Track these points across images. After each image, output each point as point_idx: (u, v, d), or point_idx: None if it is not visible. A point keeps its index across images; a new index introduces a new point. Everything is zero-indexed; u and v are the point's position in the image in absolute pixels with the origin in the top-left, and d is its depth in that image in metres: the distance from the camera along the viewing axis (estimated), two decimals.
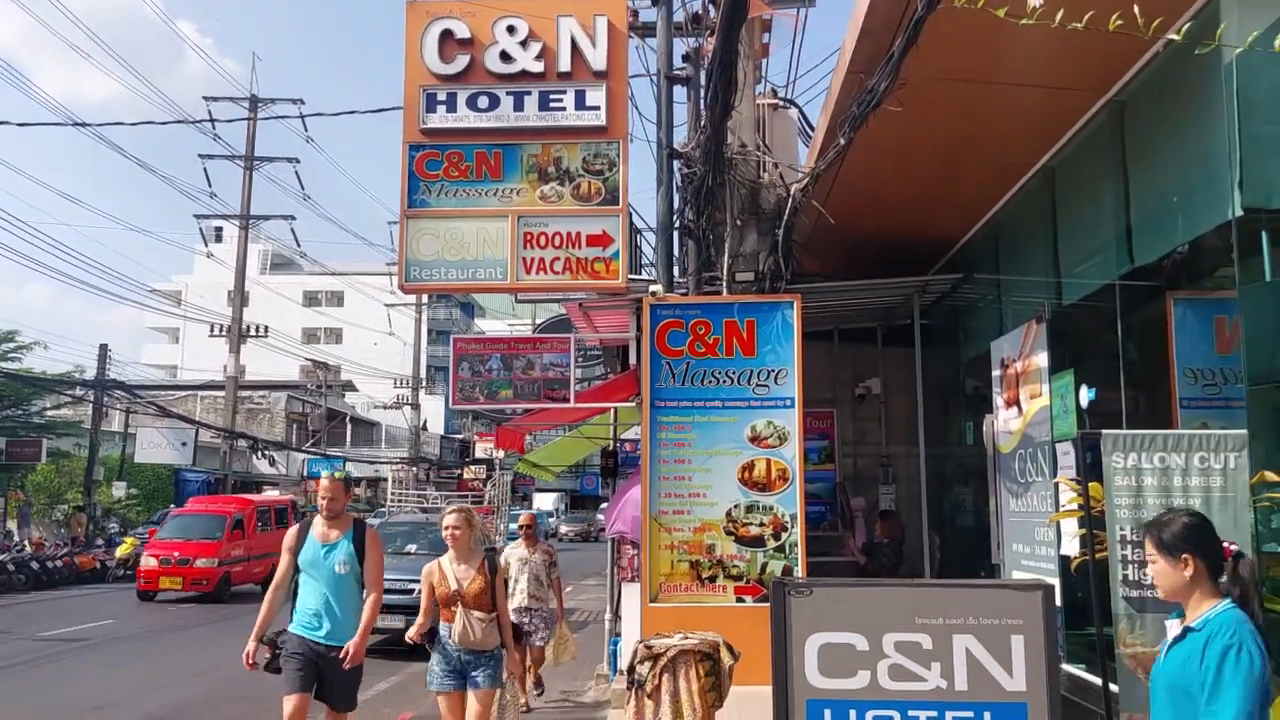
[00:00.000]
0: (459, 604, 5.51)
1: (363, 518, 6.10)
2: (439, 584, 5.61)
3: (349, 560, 5.53)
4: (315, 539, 5.60)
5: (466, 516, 5.73)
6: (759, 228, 7.21)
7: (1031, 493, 5.81)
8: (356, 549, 5.56)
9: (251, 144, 31.68)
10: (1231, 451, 4.18)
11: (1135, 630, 4.14)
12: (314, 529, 5.64)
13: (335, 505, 5.61)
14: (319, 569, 5.52)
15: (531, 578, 8.87)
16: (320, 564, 5.53)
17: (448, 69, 6.88)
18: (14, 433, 29.65)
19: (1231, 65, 4.21)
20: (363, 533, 5.65)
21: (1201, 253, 5.30)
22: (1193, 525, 2.80)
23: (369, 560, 5.60)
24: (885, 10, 4.82)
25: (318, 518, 5.66)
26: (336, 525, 5.62)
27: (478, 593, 5.53)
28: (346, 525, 5.63)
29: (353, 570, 5.55)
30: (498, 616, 5.63)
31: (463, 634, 5.53)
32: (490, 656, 5.61)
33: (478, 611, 5.51)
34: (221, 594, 18.79)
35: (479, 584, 5.56)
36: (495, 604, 5.61)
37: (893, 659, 3.61)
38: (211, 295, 46.03)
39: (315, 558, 5.55)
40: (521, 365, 7.57)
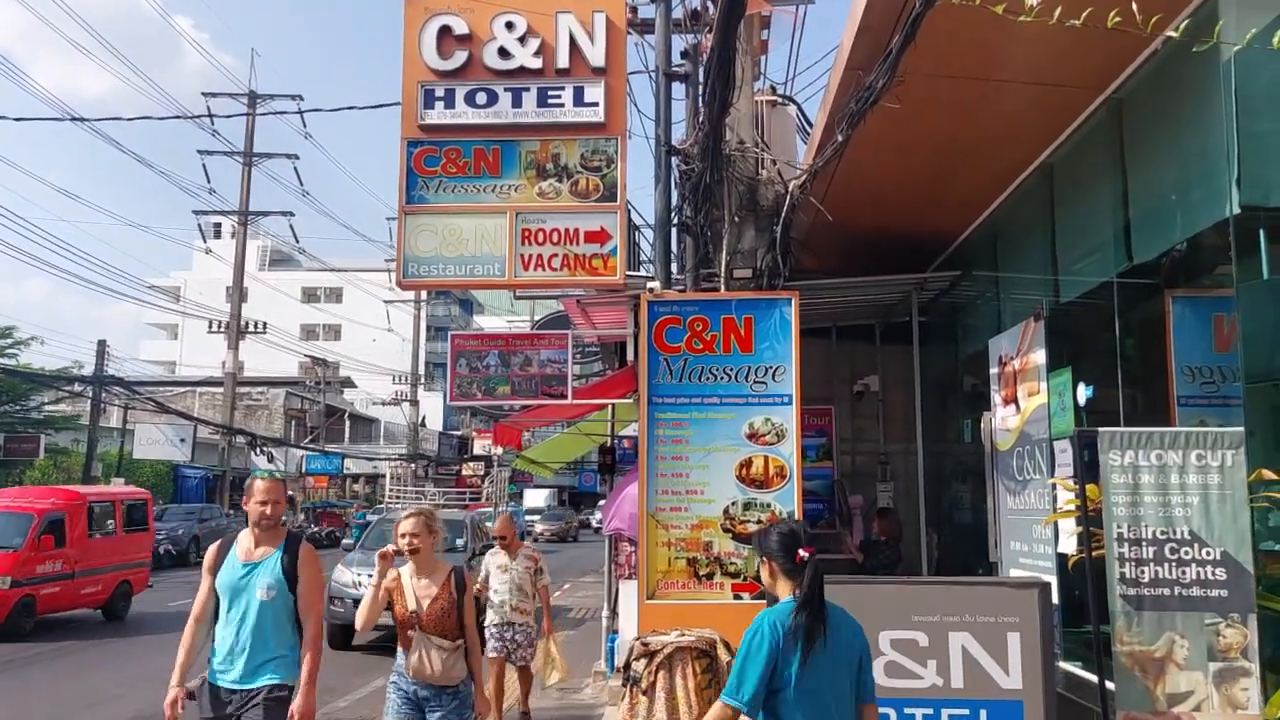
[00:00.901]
0: (417, 628, 4.62)
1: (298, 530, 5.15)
2: (395, 600, 4.72)
3: (276, 584, 4.39)
4: (237, 557, 4.49)
5: (426, 521, 4.74)
6: (757, 224, 7.20)
7: (1029, 491, 5.81)
8: (286, 570, 4.42)
9: (250, 140, 31.68)
10: (1229, 449, 4.18)
11: (1132, 628, 4.14)
12: (238, 544, 4.54)
13: (275, 514, 4.52)
14: (238, 595, 4.40)
15: (514, 588, 7.84)
16: (239, 589, 4.41)
17: (446, 65, 6.87)
18: (12, 428, 29.65)
19: (1230, 63, 4.21)
20: (296, 549, 4.50)
21: (1200, 250, 5.30)
22: (770, 534, 3.37)
23: (304, 583, 4.45)
24: (883, 7, 4.81)
25: (244, 531, 4.57)
26: (265, 540, 4.51)
27: (440, 615, 4.61)
28: (276, 540, 4.51)
29: (281, 597, 4.40)
30: (465, 645, 4.69)
31: (419, 666, 4.60)
32: (453, 695, 4.65)
33: (439, 638, 4.60)
34: (19, 626, 13.13)
35: (442, 604, 4.64)
36: (462, 629, 4.68)
37: (889, 656, 3.61)
38: (210, 291, 46.03)
39: (234, 581, 4.42)
40: (519, 362, 7.57)
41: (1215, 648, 4.07)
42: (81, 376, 30.31)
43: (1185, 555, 4.16)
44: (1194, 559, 4.15)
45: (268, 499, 4.50)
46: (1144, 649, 4.10)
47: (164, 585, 18.67)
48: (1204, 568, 4.13)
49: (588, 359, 15.58)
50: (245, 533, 4.58)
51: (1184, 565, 4.15)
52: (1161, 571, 4.16)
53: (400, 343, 46.83)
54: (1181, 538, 4.16)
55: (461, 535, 14.10)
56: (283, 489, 4.61)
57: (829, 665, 3.13)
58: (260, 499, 4.50)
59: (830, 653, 3.12)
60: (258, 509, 4.48)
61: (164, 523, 26.17)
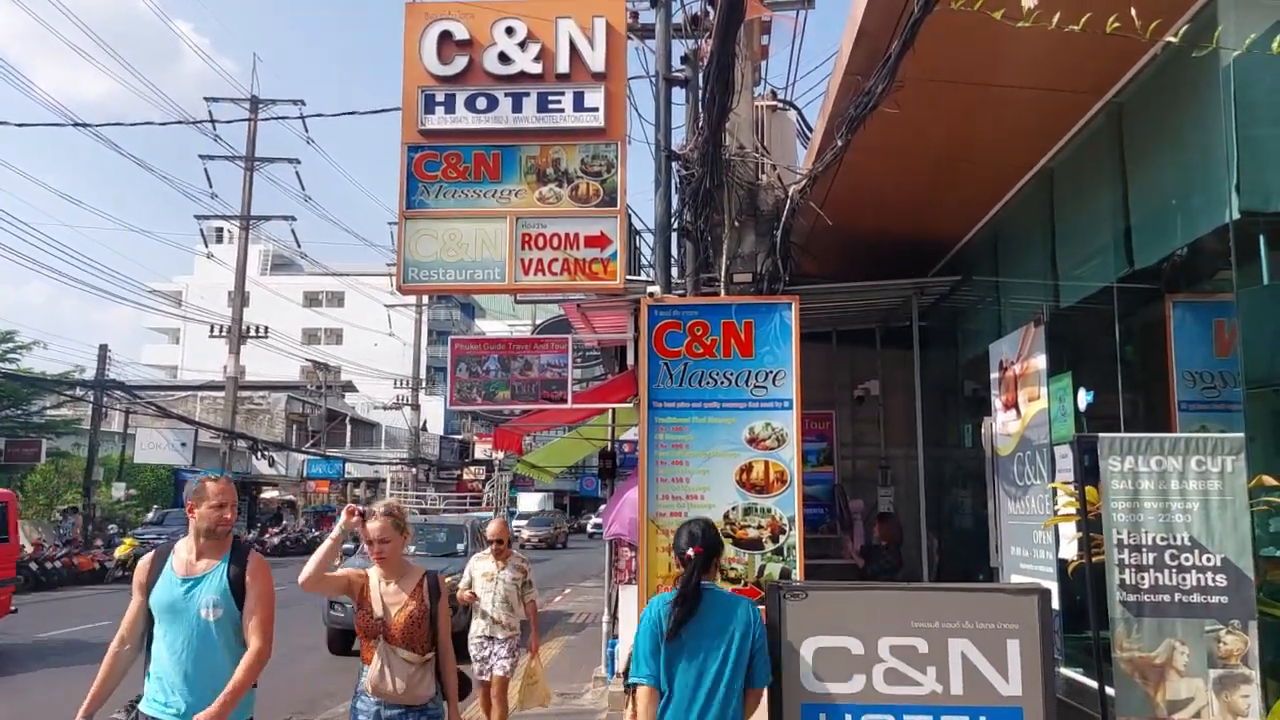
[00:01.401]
0: (382, 639, 4.09)
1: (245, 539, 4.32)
2: (360, 605, 4.19)
3: (223, 601, 3.83)
4: (174, 572, 3.88)
5: (396, 521, 4.22)
6: (757, 229, 7.20)
7: (1030, 496, 5.80)
8: (234, 584, 3.86)
9: (252, 145, 31.72)
10: (1229, 455, 4.16)
11: (1132, 634, 4.13)
12: (174, 556, 3.93)
13: (231, 520, 3.96)
14: (178, 616, 3.82)
15: (499, 599, 7.22)
16: (180, 608, 3.82)
17: (446, 70, 6.88)
18: (13, 433, 29.65)
19: (1229, 68, 4.20)
20: (244, 559, 3.95)
21: (1200, 255, 5.29)
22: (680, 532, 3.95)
23: (252, 597, 3.89)
24: (882, 12, 4.81)
25: (182, 541, 3.99)
26: (208, 551, 3.92)
27: (409, 624, 4.08)
28: (221, 551, 3.94)
29: (229, 615, 3.84)
30: (436, 659, 4.17)
31: (379, 681, 4.07)
32: (421, 713, 4.15)
33: (406, 650, 4.07)
34: None
35: (412, 612, 4.11)
36: (434, 641, 4.18)
37: (888, 663, 3.60)
38: (212, 296, 46.09)
39: (173, 599, 3.83)
40: (519, 366, 7.58)
41: (1216, 654, 4.05)
42: (83, 381, 30.33)
43: (1185, 561, 4.14)
44: (1194, 565, 4.13)
45: (224, 501, 3.93)
46: (1144, 655, 4.09)
47: None
48: (1204, 574, 4.12)
49: (588, 363, 15.59)
50: (183, 543, 3.98)
51: (1184, 571, 4.14)
52: (1162, 578, 4.15)
53: (401, 347, 46.85)
54: (1182, 544, 4.15)
55: (462, 540, 14.08)
56: (234, 490, 4.04)
57: (699, 650, 3.64)
58: (215, 502, 3.92)
59: (703, 638, 3.64)
60: (213, 514, 3.90)
61: (164, 527, 26.19)
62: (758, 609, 3.81)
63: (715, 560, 3.92)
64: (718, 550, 3.95)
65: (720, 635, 3.64)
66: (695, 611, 3.66)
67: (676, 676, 3.63)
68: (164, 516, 27.82)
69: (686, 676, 3.62)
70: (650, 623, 3.70)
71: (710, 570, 3.87)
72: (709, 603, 3.70)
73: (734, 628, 3.65)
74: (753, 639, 3.67)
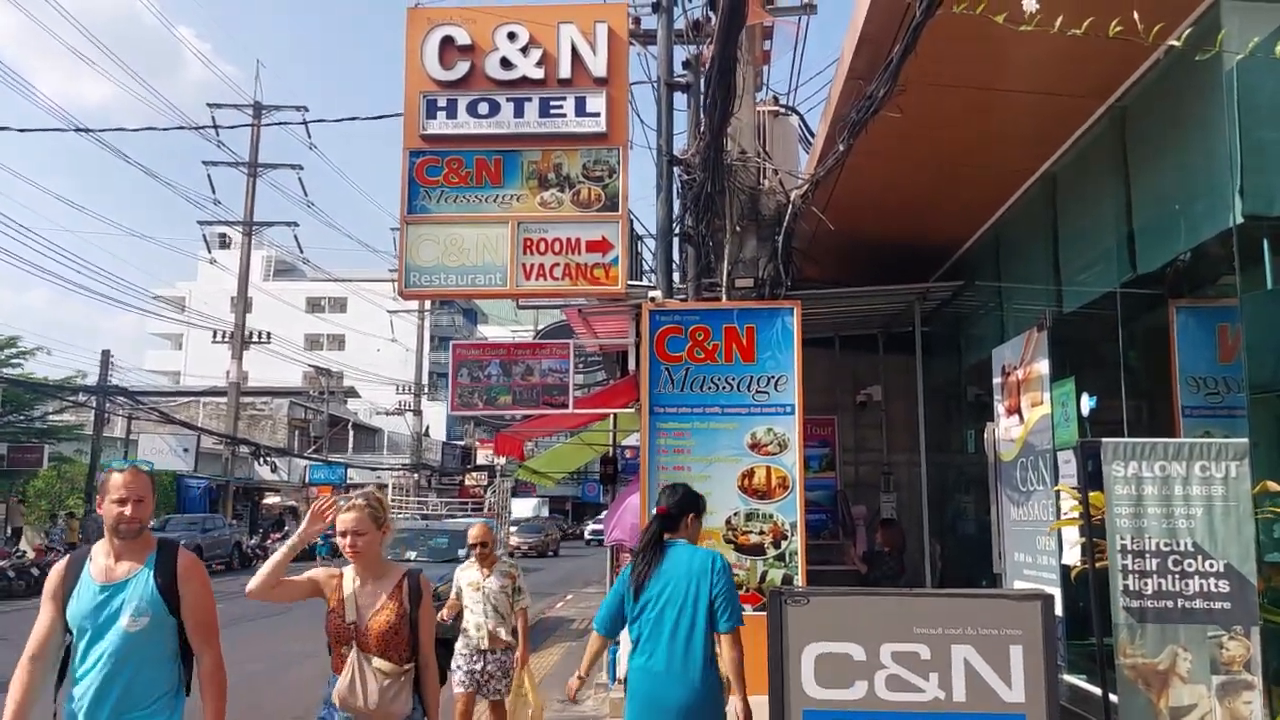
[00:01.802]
0: (353, 645, 3.56)
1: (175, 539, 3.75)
2: (330, 607, 3.66)
3: (150, 606, 3.34)
4: (92, 578, 3.37)
5: (373, 512, 3.68)
6: (759, 234, 7.20)
7: (1033, 501, 5.77)
8: (163, 589, 3.37)
9: (255, 151, 31.80)
10: (1232, 460, 4.14)
11: (1136, 641, 4.11)
12: (92, 562, 3.42)
13: (138, 516, 3.38)
14: (98, 628, 3.32)
15: (489, 609, 6.64)
16: (98, 619, 3.32)
17: (448, 75, 6.89)
18: (16, 438, 29.66)
19: (1233, 72, 4.19)
20: (173, 561, 3.45)
21: (1204, 260, 5.27)
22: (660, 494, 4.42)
23: (190, 605, 3.42)
24: (884, 16, 4.81)
25: (99, 544, 3.47)
26: (129, 553, 3.40)
27: (386, 631, 3.55)
28: (144, 552, 3.42)
29: (157, 625, 3.35)
30: (416, 671, 3.63)
31: (347, 694, 3.52)
32: None
33: (382, 660, 3.54)
34: None
35: (389, 616, 3.57)
36: (415, 650, 3.63)
37: (890, 669, 3.58)
38: (215, 301, 46.12)
39: (90, 608, 3.33)
40: (520, 371, 7.57)
41: (1218, 661, 4.03)
42: (86, 386, 30.35)
43: (1189, 567, 4.13)
44: (1197, 571, 4.12)
45: (127, 495, 3.36)
46: (1147, 662, 4.07)
47: None
48: (1207, 580, 4.10)
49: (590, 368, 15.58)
50: (101, 545, 3.46)
51: (1187, 577, 4.12)
52: (1165, 583, 4.13)
53: (404, 352, 46.87)
54: (1185, 549, 4.13)
55: (464, 545, 14.05)
56: (148, 483, 3.46)
57: (662, 598, 4.02)
58: (117, 495, 3.35)
59: (666, 587, 4.03)
60: (114, 510, 3.34)
61: (166, 533, 26.16)
62: (720, 558, 4.11)
63: (686, 520, 4.28)
64: (686, 511, 4.29)
65: (681, 584, 4.02)
66: (655, 565, 4.09)
67: (643, 624, 4.04)
68: (165, 523, 27.80)
69: (650, 623, 4.02)
70: (619, 581, 4.20)
71: (680, 529, 4.24)
72: (672, 557, 4.12)
73: (694, 576, 4.02)
74: (711, 584, 4.00)
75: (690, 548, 4.20)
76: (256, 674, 9.99)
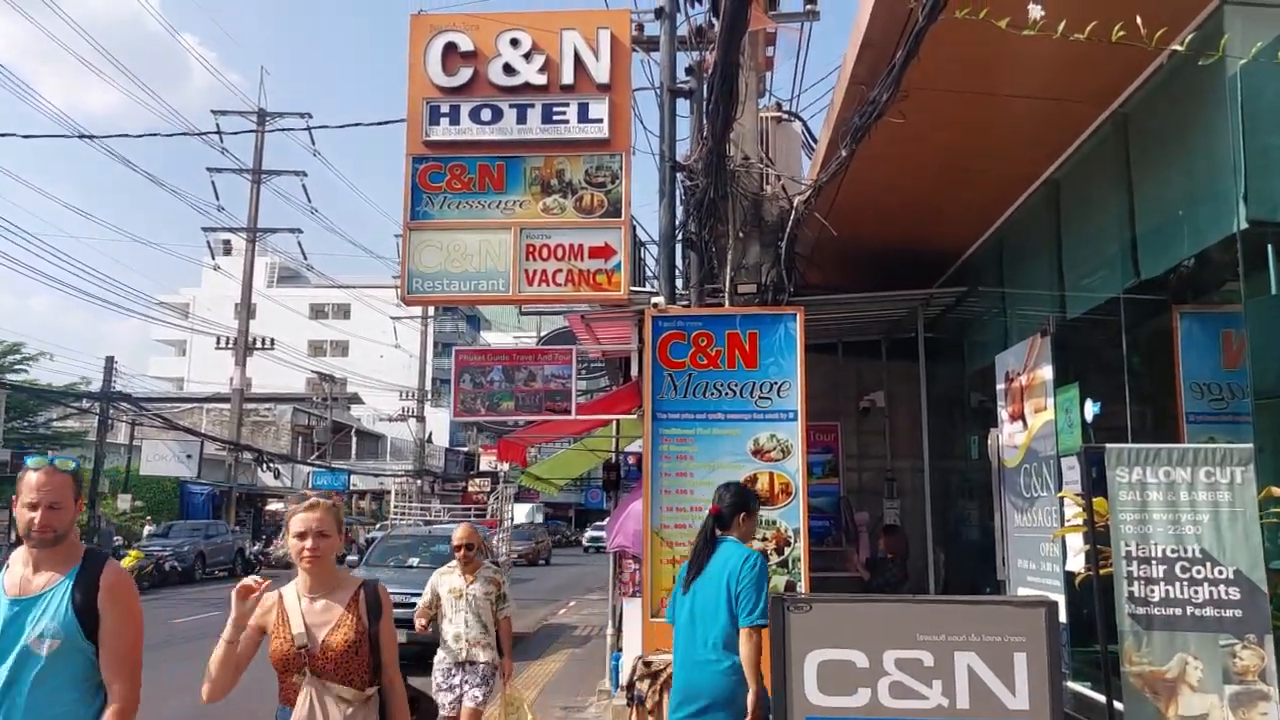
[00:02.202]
0: (306, 671, 3.05)
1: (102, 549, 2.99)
2: (274, 632, 3.10)
3: (62, 630, 2.81)
4: (3, 590, 2.88)
5: (334, 513, 3.16)
6: (761, 240, 7.19)
7: (1037, 508, 5.75)
8: (80, 608, 2.83)
9: (259, 157, 31.88)
10: (1237, 466, 4.12)
11: (1141, 648, 4.08)
12: (7, 571, 2.92)
13: (52, 524, 2.85)
14: (2, 647, 2.81)
15: (470, 616, 6.17)
16: (5, 638, 2.81)
17: (451, 81, 6.89)
18: (19, 445, 29.70)
19: (1236, 77, 4.18)
20: (96, 575, 2.90)
21: (1207, 266, 5.26)
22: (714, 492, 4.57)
23: (110, 626, 2.87)
24: (886, 22, 4.81)
25: (17, 552, 2.96)
26: (48, 563, 2.89)
27: (344, 651, 3.05)
28: (67, 563, 2.90)
29: (71, 649, 2.82)
30: (382, 694, 3.15)
31: None
32: None
33: (341, 686, 3.06)
34: None
35: (346, 634, 3.07)
36: (377, 672, 3.13)
37: (893, 676, 3.56)
38: (218, 308, 46.17)
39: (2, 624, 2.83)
40: (523, 377, 7.56)
41: (1231, 670, 3.99)
42: (89, 393, 30.40)
43: (1197, 574, 4.09)
44: (1206, 578, 4.08)
45: (39, 500, 2.83)
46: (1155, 670, 4.04)
47: (167, 602, 18.64)
48: (1216, 587, 4.07)
49: (594, 374, 15.58)
50: (19, 553, 2.94)
51: (1196, 584, 4.09)
52: (1172, 590, 4.10)
53: (407, 359, 46.88)
54: (1192, 556, 4.10)
55: None
56: (68, 484, 2.91)
57: (698, 592, 4.26)
58: (28, 499, 2.84)
59: (704, 582, 4.25)
60: (24, 515, 2.84)
61: (170, 539, 26.17)
62: (756, 557, 4.24)
63: (738, 518, 4.41)
64: (738, 510, 4.42)
65: (714, 579, 4.22)
66: (704, 561, 4.30)
67: (681, 616, 4.34)
68: (168, 529, 27.80)
69: (686, 615, 4.29)
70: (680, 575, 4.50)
71: (733, 527, 4.38)
72: (719, 554, 4.30)
73: (727, 571, 4.18)
74: (738, 579, 4.13)
75: (735, 545, 4.33)
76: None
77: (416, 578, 12.68)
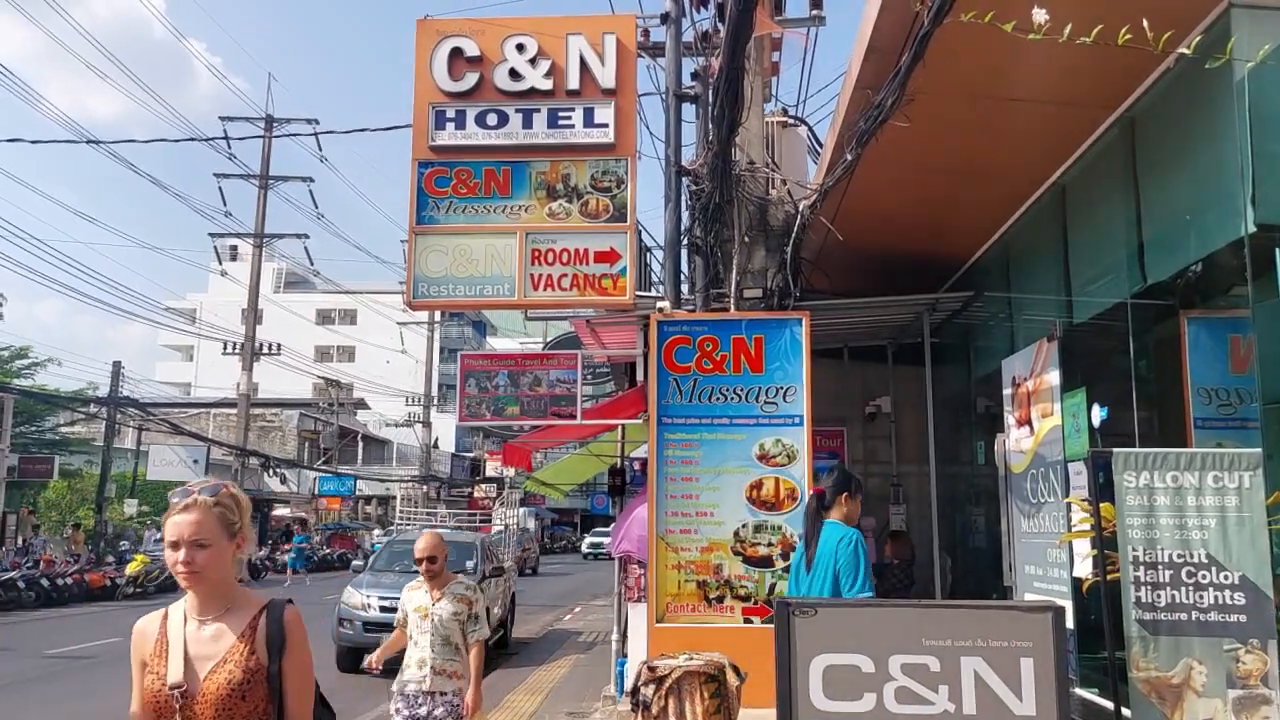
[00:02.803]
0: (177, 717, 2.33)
1: None
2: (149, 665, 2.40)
3: None
4: None
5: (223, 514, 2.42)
6: (767, 244, 7.18)
7: (1044, 513, 5.73)
8: None
9: (266, 163, 31.97)
10: (1246, 471, 4.10)
11: (1149, 654, 4.06)
12: None
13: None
14: None
15: (438, 640, 5.29)
16: None
17: (457, 86, 6.91)
18: (26, 449, 29.79)
19: (1243, 80, 4.17)
20: None
21: (1215, 270, 5.24)
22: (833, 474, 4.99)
23: None
24: (892, 25, 4.80)
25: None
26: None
27: (228, 694, 2.33)
28: None
29: None
30: None
31: None
32: None
33: None
34: None
35: (232, 673, 2.35)
36: None
37: (899, 681, 3.53)
38: (225, 313, 46.33)
39: None
40: (528, 382, 7.57)
41: (1235, 674, 3.98)
42: (96, 398, 30.47)
43: (1203, 579, 4.08)
44: (1212, 583, 4.07)
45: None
46: (1161, 675, 4.02)
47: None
48: (1222, 592, 4.05)
49: (599, 380, 15.57)
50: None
51: (1202, 589, 4.07)
52: (1178, 595, 4.08)
53: (414, 364, 46.98)
54: (1199, 561, 4.08)
55: (471, 558, 14.02)
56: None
57: (815, 574, 4.66)
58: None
59: (817, 562, 4.68)
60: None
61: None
62: (852, 534, 4.64)
63: (840, 499, 4.79)
64: (840, 491, 4.81)
65: (822, 560, 4.65)
66: (814, 542, 4.75)
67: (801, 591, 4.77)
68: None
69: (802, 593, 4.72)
70: (796, 558, 5.04)
71: (832, 507, 4.77)
72: (824, 535, 4.71)
73: (829, 551, 4.61)
74: (835, 559, 4.57)
75: (835, 526, 4.72)
76: None
77: None
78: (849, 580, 4.52)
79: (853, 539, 4.60)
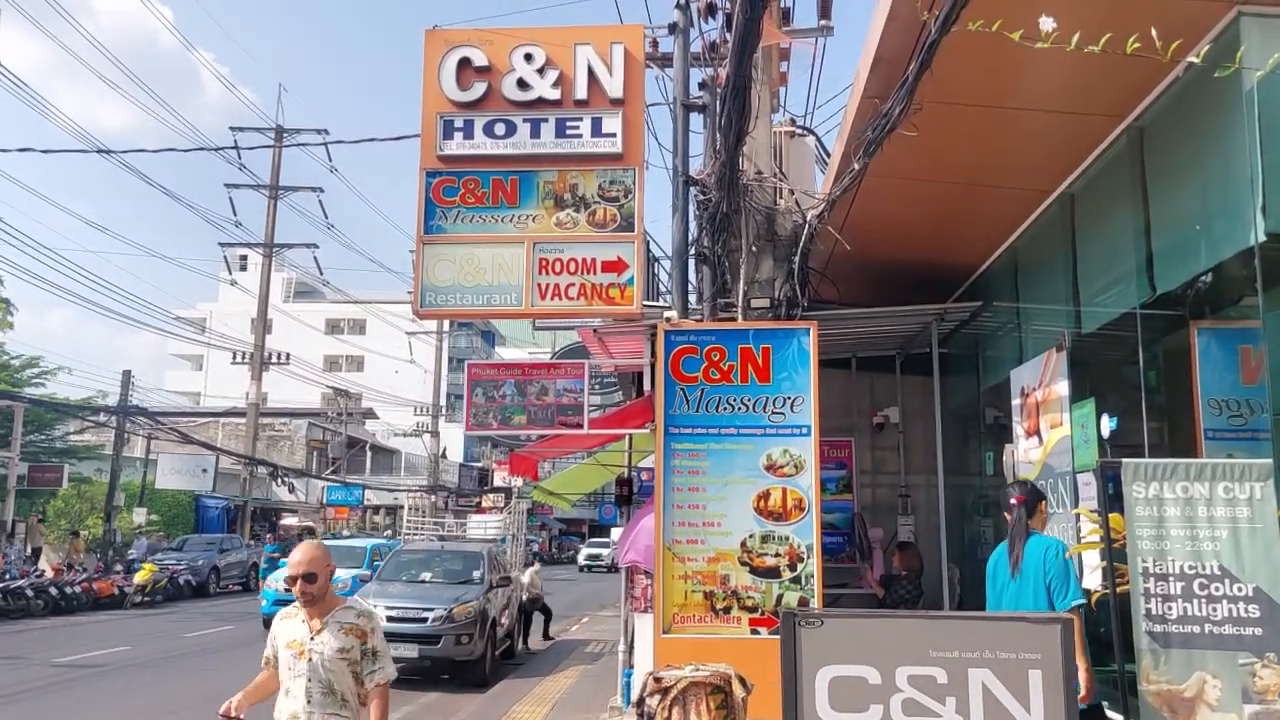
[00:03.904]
0: None
1: None
2: None
3: None
4: None
5: None
6: (775, 254, 7.17)
7: (1053, 524, 5.69)
8: None
9: (276, 173, 32.12)
10: (1257, 481, 4.07)
11: (1159, 666, 4.02)
12: None
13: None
14: None
15: (316, 687, 3.82)
16: None
17: (465, 96, 6.93)
18: (36, 458, 29.90)
19: (1253, 89, 4.15)
20: None
21: (1225, 280, 5.21)
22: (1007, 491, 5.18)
23: None
24: (899, 35, 4.80)
25: None
26: None
27: None
28: None
29: None
30: None
31: None
32: None
33: None
34: None
35: None
36: None
37: (906, 693, 3.50)
38: (235, 322, 46.43)
39: None
40: (535, 391, 7.56)
41: (1251, 689, 3.93)
42: (106, 407, 30.58)
43: (1216, 591, 4.04)
44: (1225, 595, 4.03)
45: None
46: (1172, 688, 3.98)
47: (181, 616, 18.66)
48: (1236, 604, 4.01)
49: (607, 389, 15.57)
50: None
51: (1214, 602, 4.03)
52: (1190, 608, 4.04)
53: (422, 374, 47.00)
54: (1211, 573, 4.04)
55: (478, 567, 13.99)
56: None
57: (1019, 581, 4.80)
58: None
59: (1023, 572, 4.81)
60: None
61: (184, 553, 26.24)
62: (1057, 544, 4.83)
63: (1039, 505, 5.05)
64: (1038, 496, 5.09)
65: (1031, 570, 4.78)
66: (1020, 552, 4.87)
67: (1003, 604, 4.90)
68: (183, 543, 27.89)
69: (1008, 603, 4.82)
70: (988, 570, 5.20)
71: (1031, 518, 4.96)
72: (1030, 545, 4.85)
73: (1036, 562, 4.74)
74: (1045, 568, 4.72)
75: (1039, 538, 4.92)
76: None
77: (429, 593, 12.69)
78: (1061, 591, 4.68)
79: (1060, 550, 4.80)
